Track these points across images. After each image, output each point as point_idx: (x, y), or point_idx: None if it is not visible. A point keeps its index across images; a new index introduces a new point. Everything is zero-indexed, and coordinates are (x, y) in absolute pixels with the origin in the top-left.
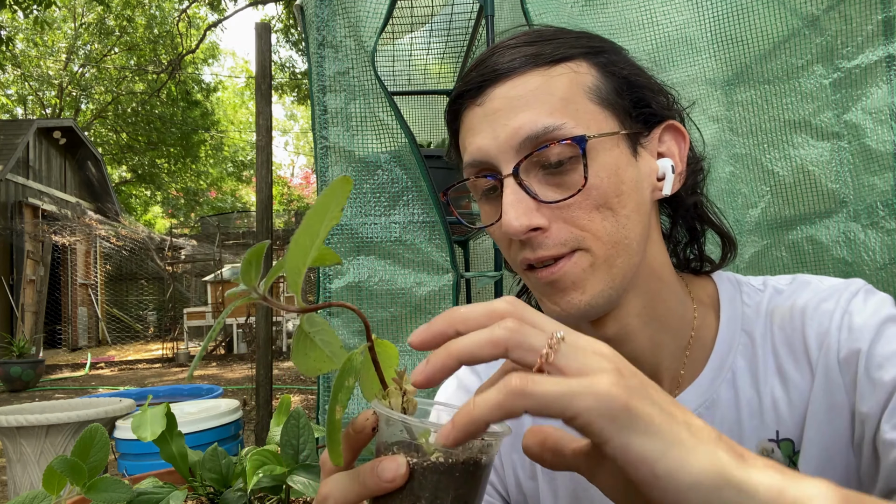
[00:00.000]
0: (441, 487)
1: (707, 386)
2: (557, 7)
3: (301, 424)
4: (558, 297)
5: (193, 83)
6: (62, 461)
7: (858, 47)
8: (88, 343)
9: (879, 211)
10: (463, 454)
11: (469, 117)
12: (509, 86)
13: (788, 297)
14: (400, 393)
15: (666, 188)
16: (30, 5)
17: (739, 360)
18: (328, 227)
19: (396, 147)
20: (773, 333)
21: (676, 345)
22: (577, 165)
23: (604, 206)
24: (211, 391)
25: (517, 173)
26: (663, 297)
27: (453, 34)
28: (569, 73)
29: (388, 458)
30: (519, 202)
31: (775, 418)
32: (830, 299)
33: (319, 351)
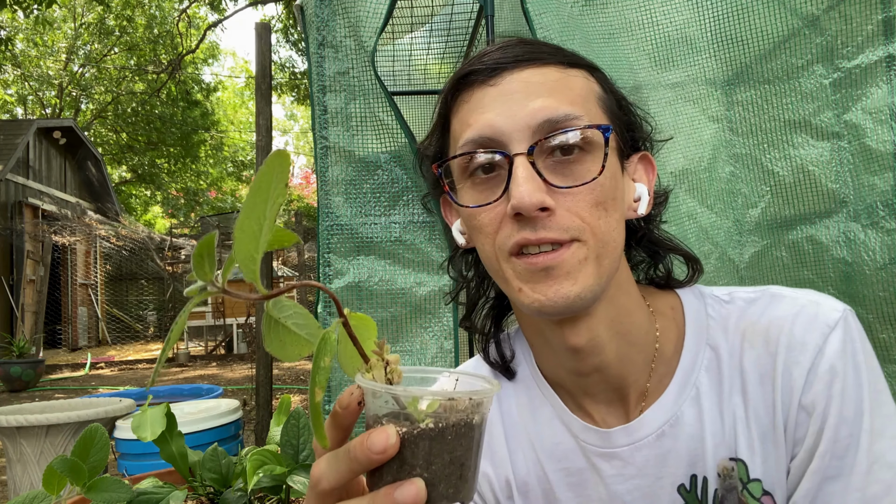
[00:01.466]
0: (434, 453)
1: (672, 403)
2: (557, 7)
3: (301, 424)
4: (548, 284)
5: (193, 83)
6: (62, 461)
7: (858, 47)
8: (88, 343)
9: (879, 211)
10: (453, 417)
11: (478, 96)
12: (529, 73)
13: (762, 313)
14: (382, 364)
15: (641, 208)
16: (30, 5)
17: (703, 376)
18: (275, 208)
19: (396, 147)
20: (742, 350)
21: (642, 358)
22: (588, 156)
23: (602, 204)
24: (211, 391)
25: (532, 153)
26: (629, 309)
27: (453, 34)
28: (583, 77)
29: (378, 430)
30: (532, 178)
31: (734, 437)
32: (809, 330)
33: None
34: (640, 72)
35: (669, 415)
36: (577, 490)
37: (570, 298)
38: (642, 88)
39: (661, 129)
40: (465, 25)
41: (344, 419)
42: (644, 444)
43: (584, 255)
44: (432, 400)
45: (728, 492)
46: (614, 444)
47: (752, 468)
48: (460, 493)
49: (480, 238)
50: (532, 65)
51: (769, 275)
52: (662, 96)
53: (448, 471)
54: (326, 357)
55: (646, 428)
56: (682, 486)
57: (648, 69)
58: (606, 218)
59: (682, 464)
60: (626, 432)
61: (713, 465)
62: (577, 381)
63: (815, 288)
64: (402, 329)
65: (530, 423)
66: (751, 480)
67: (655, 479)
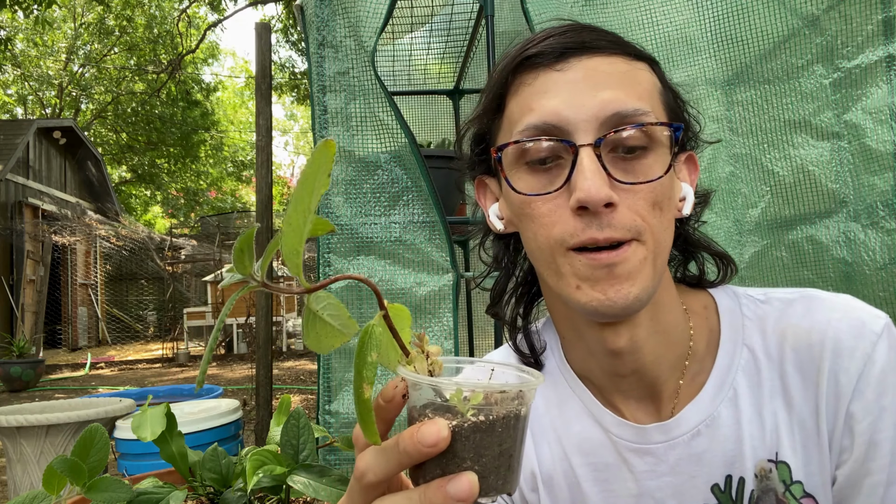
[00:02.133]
0: (484, 445)
1: (708, 403)
2: (558, 7)
3: (301, 424)
4: (609, 284)
5: (193, 83)
6: (62, 461)
7: (858, 47)
8: (88, 343)
9: (879, 211)
10: (502, 409)
11: (542, 79)
12: (598, 61)
13: (802, 315)
14: (423, 356)
15: (686, 208)
16: (30, 5)
17: (741, 377)
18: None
19: (396, 147)
20: (783, 352)
21: (675, 357)
22: (652, 154)
23: (659, 204)
24: (211, 391)
25: (598, 145)
26: (667, 308)
27: (453, 34)
28: (647, 71)
29: (429, 423)
30: (599, 172)
31: (776, 440)
32: (857, 336)
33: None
34: None
35: (706, 415)
36: (604, 485)
37: (630, 300)
38: None
39: None
40: (465, 25)
41: (388, 413)
42: (679, 442)
43: (643, 256)
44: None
45: (765, 493)
46: (649, 440)
47: (795, 471)
48: (508, 485)
49: (533, 227)
50: (600, 53)
51: (769, 275)
52: None
53: (497, 463)
54: (373, 351)
55: (682, 427)
56: (716, 485)
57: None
58: (661, 218)
59: (717, 464)
60: (662, 430)
61: (751, 466)
62: (612, 380)
63: (815, 288)
64: None
65: (557, 417)
66: (793, 482)
67: (689, 477)
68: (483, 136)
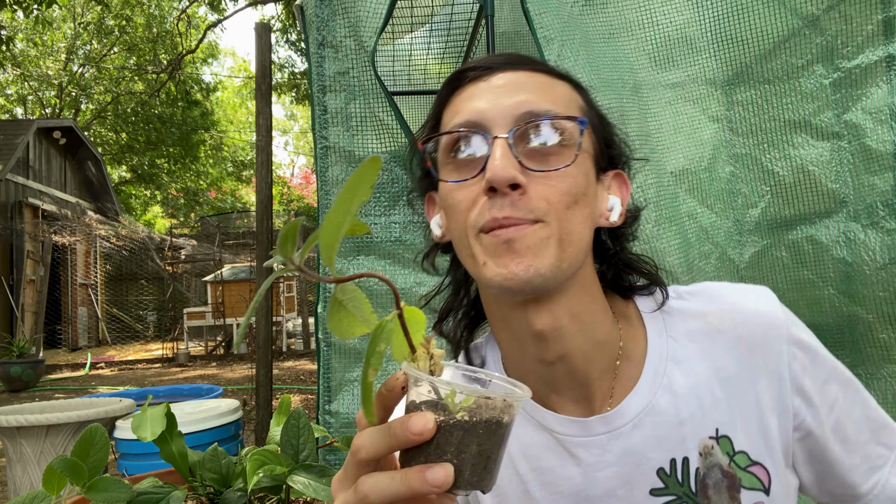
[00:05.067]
0: (465, 442)
1: (645, 394)
2: (557, 7)
3: (301, 424)
4: (510, 258)
5: (193, 83)
6: (62, 461)
7: (858, 47)
8: (88, 343)
9: (879, 211)
10: (486, 413)
11: (470, 89)
12: (519, 73)
13: (714, 300)
14: (427, 356)
15: (613, 216)
16: (30, 5)
17: (672, 366)
18: (359, 204)
19: (396, 147)
20: (709, 336)
21: (606, 359)
22: (564, 150)
23: (572, 195)
24: (211, 391)
25: (511, 136)
26: (592, 309)
27: (453, 34)
28: (567, 88)
29: (418, 414)
30: (508, 156)
31: (714, 417)
32: (772, 310)
33: (352, 317)
34: (640, 72)
35: (644, 404)
36: (551, 488)
37: (530, 273)
38: (642, 88)
39: (660, 129)
40: (465, 25)
41: (388, 400)
42: (622, 432)
43: (546, 235)
44: (467, 396)
45: (710, 469)
46: (592, 432)
47: (737, 442)
48: (482, 483)
49: (454, 217)
50: (522, 68)
51: (769, 275)
52: (662, 96)
53: (475, 461)
54: (382, 343)
55: (623, 417)
56: (661, 469)
57: (648, 69)
58: (574, 209)
59: (661, 448)
60: (604, 421)
61: (694, 445)
62: (544, 372)
63: (816, 288)
64: None
65: None
66: (736, 453)
67: (635, 465)
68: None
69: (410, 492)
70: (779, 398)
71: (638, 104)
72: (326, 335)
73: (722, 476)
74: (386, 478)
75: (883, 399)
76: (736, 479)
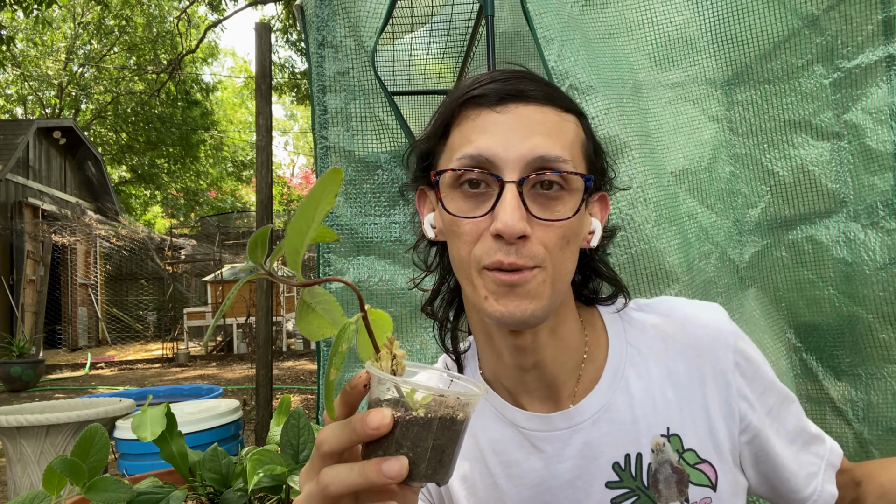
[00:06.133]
0: (421, 437)
1: (604, 393)
2: (557, 7)
3: (301, 424)
4: (510, 299)
5: (193, 83)
6: (62, 461)
7: (858, 47)
8: (88, 343)
9: (879, 211)
10: (441, 411)
11: (482, 118)
12: (532, 109)
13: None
14: (390, 356)
15: (594, 241)
16: (30, 5)
17: (630, 370)
18: (323, 212)
19: (396, 147)
20: (663, 343)
21: (572, 362)
22: (567, 195)
23: (566, 239)
24: (211, 391)
25: (522, 183)
26: (566, 319)
27: (453, 34)
28: (574, 123)
29: (375, 410)
30: (518, 208)
31: (666, 417)
32: (719, 322)
33: (321, 318)
34: (640, 72)
35: (602, 403)
36: (517, 480)
37: (527, 315)
38: (642, 88)
39: (660, 129)
40: (465, 25)
41: (351, 397)
42: (581, 428)
43: (543, 279)
44: (426, 394)
45: (661, 464)
46: (554, 426)
47: (686, 440)
48: (437, 475)
49: (457, 243)
50: (534, 102)
51: (769, 275)
52: (662, 96)
53: (430, 455)
54: (344, 344)
55: (583, 414)
56: (616, 463)
57: (648, 69)
58: (567, 250)
59: (617, 444)
60: (565, 417)
61: (647, 442)
62: (517, 375)
63: (816, 288)
64: (401, 329)
65: (474, 423)
66: (685, 450)
67: (592, 459)
68: (428, 154)
69: (367, 482)
70: (725, 401)
71: (638, 104)
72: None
73: (672, 471)
74: (345, 469)
75: (883, 399)
76: (685, 475)
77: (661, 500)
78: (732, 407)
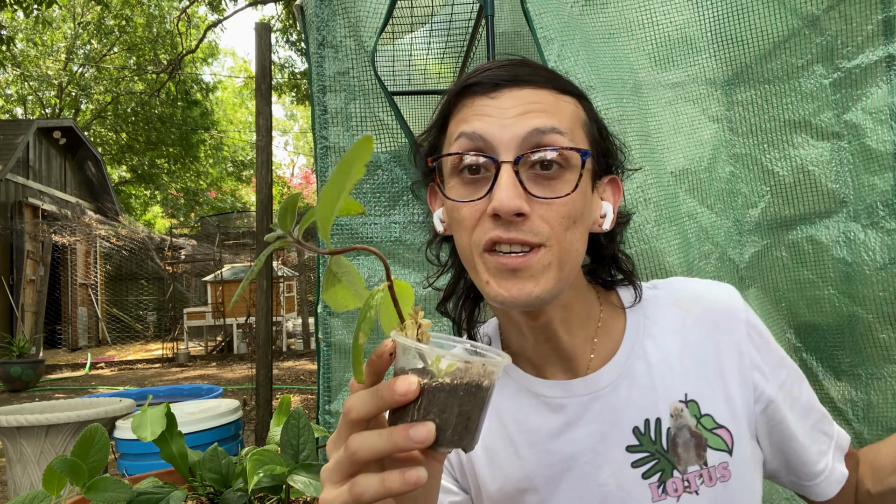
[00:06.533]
0: (447, 404)
1: (623, 362)
2: (557, 7)
3: (301, 424)
4: (513, 283)
5: (193, 83)
6: (62, 461)
7: (858, 47)
8: (88, 343)
9: (879, 211)
10: (466, 377)
11: (477, 104)
12: (528, 91)
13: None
14: (415, 325)
15: (605, 224)
16: (30, 5)
17: (647, 340)
18: (353, 181)
19: (396, 147)
20: (681, 316)
21: (585, 335)
22: (566, 173)
23: (571, 217)
24: (211, 391)
25: (517, 162)
26: (577, 297)
27: (453, 34)
28: (572, 104)
29: (402, 377)
30: (514, 186)
31: (684, 384)
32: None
33: (346, 290)
34: (640, 72)
35: (621, 371)
36: (537, 448)
37: (531, 298)
38: (642, 88)
39: (660, 129)
40: (465, 25)
41: (377, 366)
42: (601, 394)
43: (548, 261)
44: (451, 362)
45: (679, 429)
46: (574, 392)
47: (703, 406)
48: (463, 441)
49: (459, 230)
50: (529, 86)
51: (769, 275)
52: (662, 96)
53: (456, 421)
54: (372, 311)
55: (602, 381)
56: (636, 428)
57: (648, 69)
58: (573, 230)
59: (636, 409)
60: (585, 383)
61: (665, 407)
62: (537, 348)
63: (816, 288)
64: None
65: (497, 396)
66: (703, 416)
67: (612, 424)
68: (432, 150)
69: (395, 448)
70: (739, 370)
71: (638, 104)
72: (326, 335)
73: (690, 436)
74: (373, 435)
75: (883, 399)
76: (703, 439)
77: (680, 463)
78: (747, 376)
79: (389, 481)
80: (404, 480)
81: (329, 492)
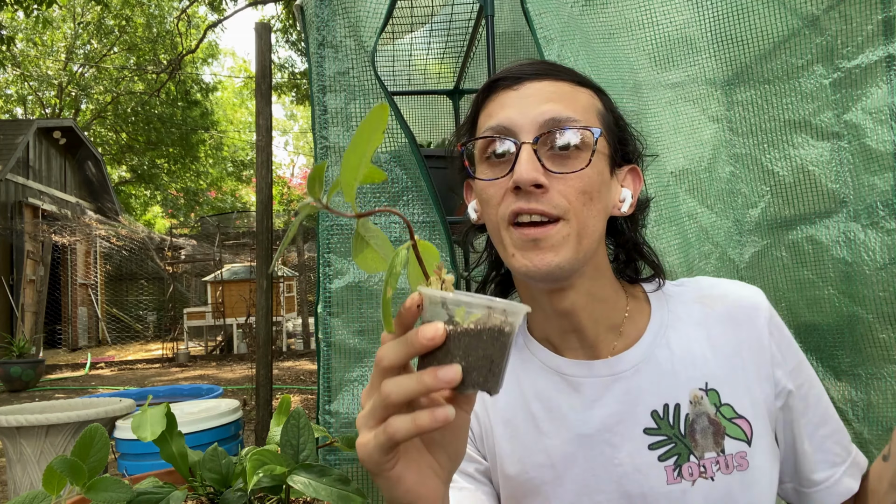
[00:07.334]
0: (472, 347)
1: (646, 348)
2: (557, 7)
3: (301, 424)
4: (535, 253)
5: (193, 83)
6: (62, 461)
7: (858, 47)
8: (88, 343)
9: (879, 211)
10: (489, 322)
11: (502, 97)
12: (545, 83)
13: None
14: (440, 281)
15: (624, 207)
16: (30, 5)
17: (671, 331)
18: (373, 147)
19: (396, 147)
20: (703, 311)
21: (611, 322)
22: (581, 153)
23: (588, 193)
24: (211, 391)
25: (536, 142)
26: (603, 286)
27: (453, 34)
28: (588, 95)
29: (429, 324)
30: (532, 161)
31: (705, 373)
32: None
33: (374, 252)
34: (640, 72)
35: (644, 356)
36: (557, 424)
37: (551, 267)
38: (642, 88)
39: (660, 128)
40: (465, 25)
41: (405, 319)
42: (622, 376)
43: (567, 233)
44: (475, 313)
45: (698, 415)
46: (596, 373)
47: (723, 395)
48: (488, 384)
49: (487, 209)
50: (548, 78)
51: (769, 275)
52: (662, 96)
53: (481, 363)
54: (398, 266)
55: (623, 364)
56: (655, 411)
57: (648, 69)
58: (590, 205)
59: (656, 393)
60: (607, 365)
61: (685, 394)
62: (562, 336)
63: (816, 288)
64: None
65: (520, 372)
66: (722, 405)
67: (632, 405)
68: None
69: (425, 388)
70: (761, 366)
71: (638, 104)
72: (326, 335)
73: (709, 423)
74: (404, 378)
75: (883, 399)
76: (721, 428)
77: (697, 449)
78: (768, 371)
79: (420, 419)
80: (434, 418)
81: (364, 436)
